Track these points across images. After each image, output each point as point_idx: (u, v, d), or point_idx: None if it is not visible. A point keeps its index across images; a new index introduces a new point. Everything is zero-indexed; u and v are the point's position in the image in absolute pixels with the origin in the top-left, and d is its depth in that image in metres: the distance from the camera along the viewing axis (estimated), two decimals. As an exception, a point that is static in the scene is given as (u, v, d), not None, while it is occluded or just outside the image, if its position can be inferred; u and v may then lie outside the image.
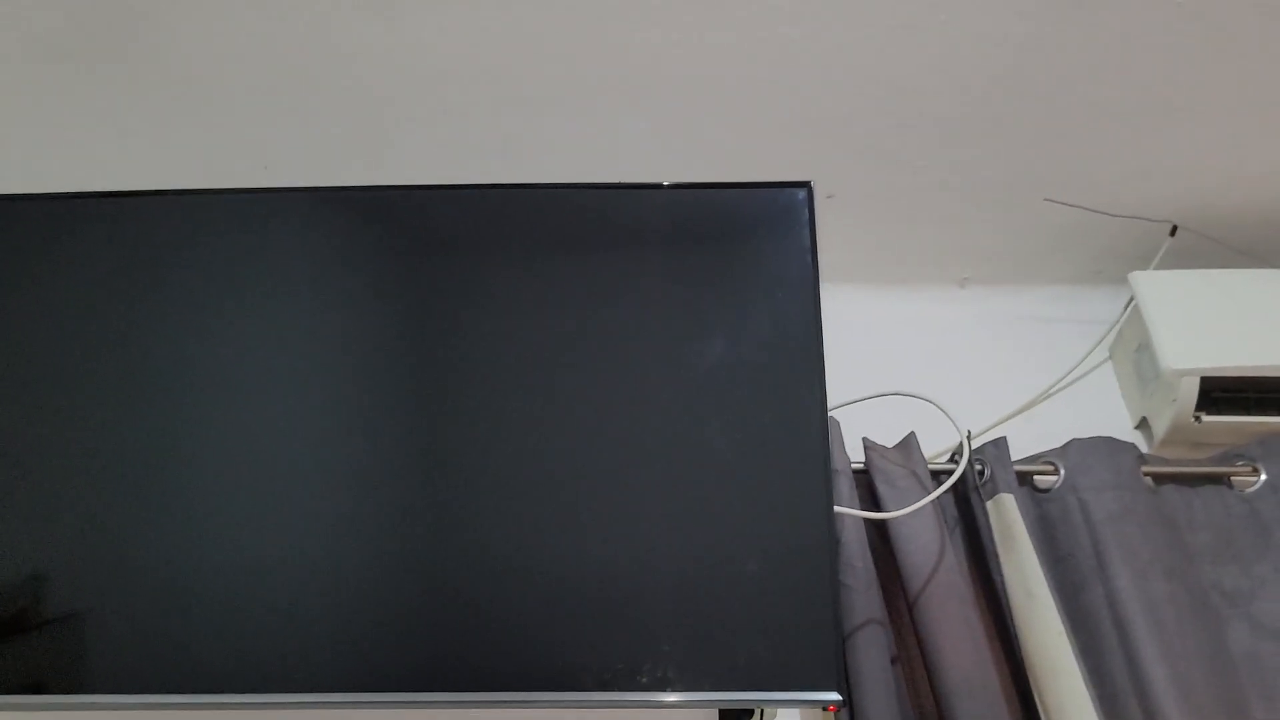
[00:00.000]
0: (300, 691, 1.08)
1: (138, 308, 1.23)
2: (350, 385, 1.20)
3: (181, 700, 1.08)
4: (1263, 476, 1.42)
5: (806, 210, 1.25)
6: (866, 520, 1.36)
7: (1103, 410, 1.61)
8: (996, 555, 1.34)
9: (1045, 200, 1.55)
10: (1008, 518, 1.36)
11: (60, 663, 1.10)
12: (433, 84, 1.40)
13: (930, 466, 1.41)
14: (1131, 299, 1.56)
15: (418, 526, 1.14)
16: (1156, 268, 1.59)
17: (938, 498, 1.33)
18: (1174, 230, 1.59)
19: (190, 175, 1.51)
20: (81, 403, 1.19)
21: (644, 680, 1.06)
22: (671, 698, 1.06)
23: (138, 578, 1.12)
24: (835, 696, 1.05)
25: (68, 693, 1.10)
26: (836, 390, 1.22)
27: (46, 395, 1.19)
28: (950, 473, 1.37)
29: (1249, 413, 1.47)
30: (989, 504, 1.39)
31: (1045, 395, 1.61)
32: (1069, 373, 1.62)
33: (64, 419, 1.18)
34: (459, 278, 1.24)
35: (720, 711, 1.32)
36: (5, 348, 1.21)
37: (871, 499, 1.40)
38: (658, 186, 1.28)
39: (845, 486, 1.36)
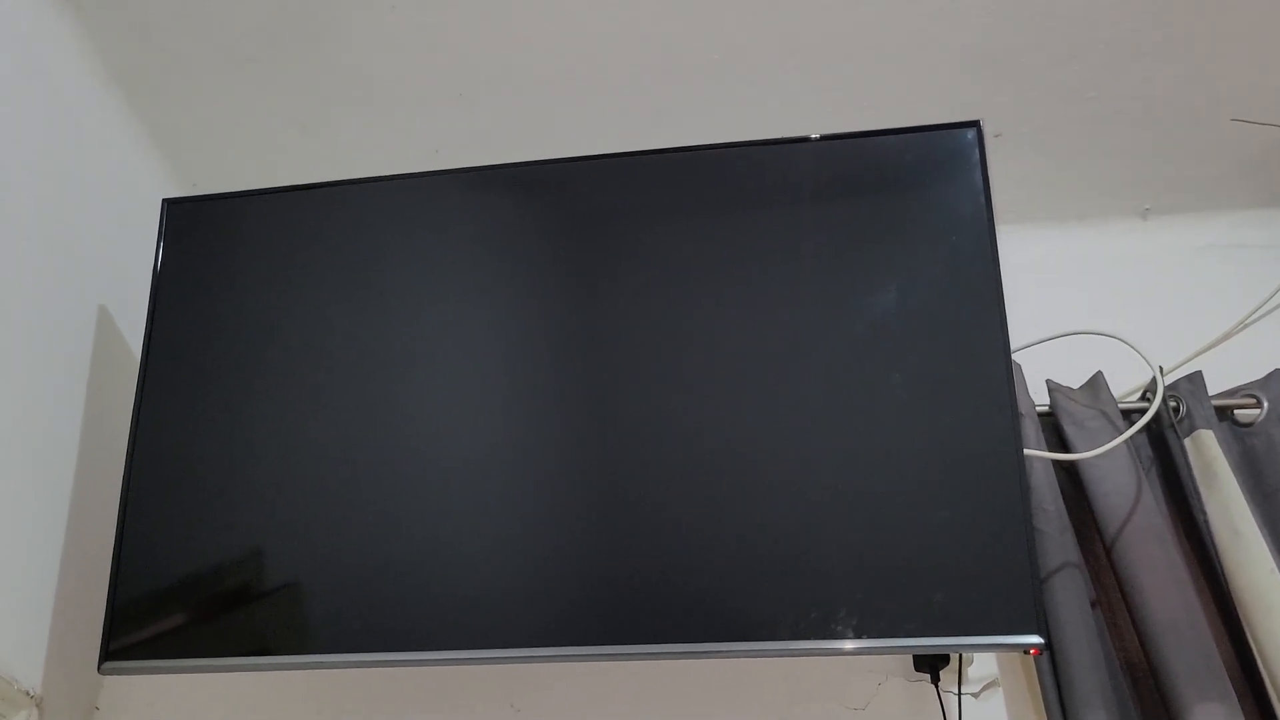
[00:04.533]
0: (501, 647, 1.13)
1: (331, 294, 1.30)
2: (531, 357, 1.24)
3: (387, 657, 1.15)
4: None
5: (977, 150, 1.22)
6: (1055, 463, 1.33)
7: (1306, 338, 1.52)
8: (1198, 493, 1.29)
9: (1232, 120, 1.46)
10: (1208, 455, 1.30)
11: (281, 628, 1.18)
12: (589, 60, 1.43)
13: (1120, 406, 1.36)
14: (1334, 218, 1.46)
15: (608, 489, 1.17)
16: (1360, 183, 1.48)
17: (1131, 437, 1.29)
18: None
19: (365, 165, 1.58)
20: (288, 386, 1.27)
21: (838, 628, 1.07)
22: (867, 644, 1.06)
23: (346, 547, 1.19)
24: (1036, 639, 1.03)
25: (290, 654, 1.18)
26: (1016, 333, 1.19)
27: (257, 381, 1.28)
28: (1142, 411, 1.33)
29: None
30: (1187, 441, 1.33)
31: (1241, 326, 1.52)
32: (1266, 301, 1.53)
33: (274, 403, 1.27)
34: (626, 243, 1.26)
35: (914, 657, 1.32)
36: (218, 338, 1.30)
37: (1058, 441, 1.36)
38: (806, 140, 1.27)
39: (1030, 430, 1.33)
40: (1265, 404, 1.35)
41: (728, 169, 1.28)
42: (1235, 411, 1.38)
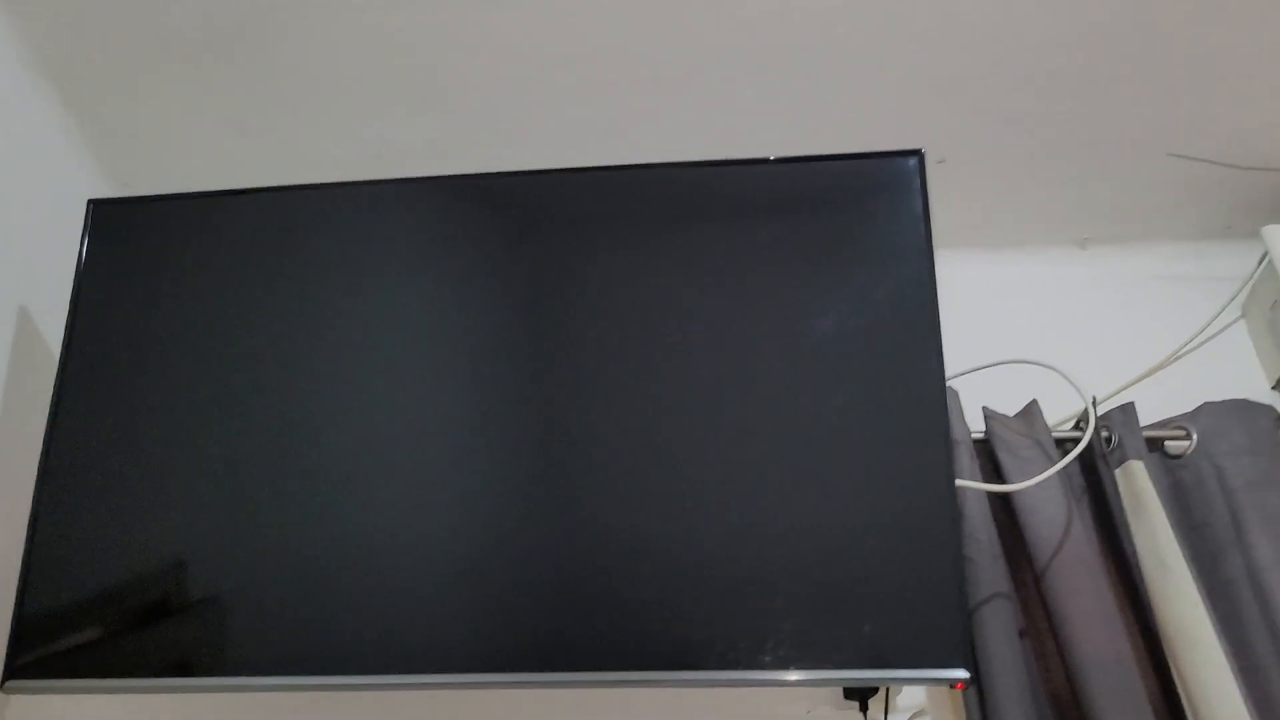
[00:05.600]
0: (429, 672, 1.10)
1: (263, 301, 1.27)
2: (470, 369, 1.21)
3: (317, 681, 1.11)
4: None
5: (918, 178, 1.22)
6: (989, 492, 1.33)
7: (1236, 371, 1.54)
8: (1127, 525, 1.30)
9: (1169, 155, 1.48)
10: (1138, 486, 1.31)
11: (203, 645, 1.14)
12: (545, 69, 1.40)
13: (1054, 435, 1.37)
14: (1265, 254, 1.48)
15: (539, 507, 1.15)
16: (1292, 220, 1.50)
17: (1064, 467, 1.29)
18: (1311, 180, 1.51)
19: (305, 169, 1.55)
20: (215, 395, 1.23)
21: (767, 659, 1.06)
22: (795, 676, 1.05)
23: (274, 562, 1.16)
24: (962, 674, 1.03)
25: (211, 675, 1.13)
26: (954, 359, 1.19)
27: (182, 388, 1.24)
28: (1076, 441, 1.33)
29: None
30: (1117, 472, 1.34)
31: (1174, 357, 1.54)
32: (1199, 333, 1.55)
33: (200, 411, 1.23)
34: (572, 260, 1.24)
35: (845, 689, 1.32)
36: (142, 344, 1.26)
37: (994, 470, 1.36)
38: (764, 161, 1.27)
39: (966, 458, 1.33)
40: (1194, 436, 1.36)
41: (676, 187, 1.27)
42: (1166, 443, 1.39)
